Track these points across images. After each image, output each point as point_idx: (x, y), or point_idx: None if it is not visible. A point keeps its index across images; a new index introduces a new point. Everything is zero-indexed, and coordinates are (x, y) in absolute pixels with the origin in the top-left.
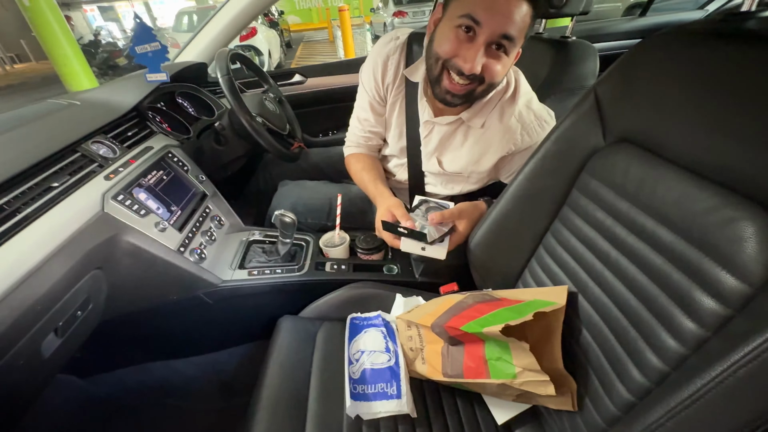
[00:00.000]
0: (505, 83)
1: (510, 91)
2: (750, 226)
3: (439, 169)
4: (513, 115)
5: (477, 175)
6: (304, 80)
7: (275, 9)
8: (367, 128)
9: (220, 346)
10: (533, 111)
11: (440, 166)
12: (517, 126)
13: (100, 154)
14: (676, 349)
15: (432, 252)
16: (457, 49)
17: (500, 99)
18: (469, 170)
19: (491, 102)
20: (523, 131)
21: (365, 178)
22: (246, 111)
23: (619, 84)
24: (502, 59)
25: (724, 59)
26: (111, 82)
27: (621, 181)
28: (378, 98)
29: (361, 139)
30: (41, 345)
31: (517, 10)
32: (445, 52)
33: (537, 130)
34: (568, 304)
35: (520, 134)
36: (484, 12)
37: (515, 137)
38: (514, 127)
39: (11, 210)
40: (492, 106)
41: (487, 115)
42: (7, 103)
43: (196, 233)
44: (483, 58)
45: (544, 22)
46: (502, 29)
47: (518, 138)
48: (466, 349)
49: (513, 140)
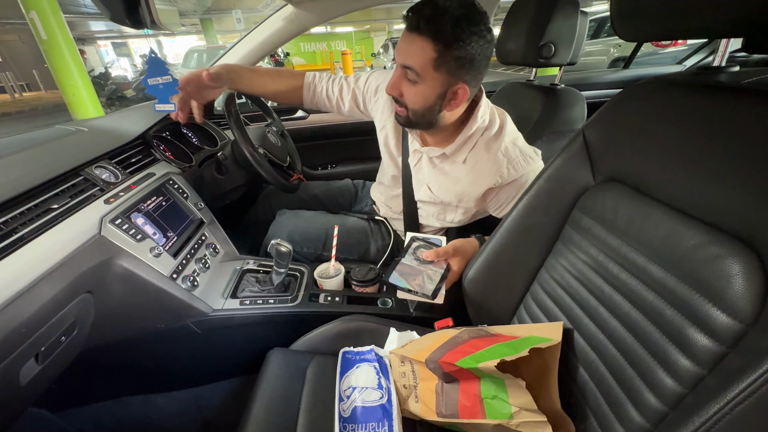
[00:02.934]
0: (488, 122)
1: (494, 129)
2: (736, 263)
3: (430, 195)
4: (499, 150)
5: (465, 205)
6: (307, 116)
7: (281, 50)
8: (357, 92)
9: (205, 380)
10: (518, 147)
11: (431, 192)
12: (503, 160)
13: (103, 178)
14: (673, 389)
15: (428, 299)
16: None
17: (482, 135)
18: (458, 199)
19: (472, 138)
20: (509, 165)
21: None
22: (249, 142)
23: (604, 127)
24: (412, 86)
25: (699, 107)
26: (120, 110)
27: (611, 218)
28: (362, 96)
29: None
30: (20, 371)
31: (411, 46)
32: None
33: (522, 164)
34: (564, 341)
35: (506, 167)
36: (397, 44)
37: (501, 170)
38: (500, 161)
39: (8, 229)
40: (473, 142)
41: (468, 152)
42: (18, 126)
43: (190, 260)
44: (400, 81)
45: (535, 70)
46: (400, 60)
47: (504, 171)
48: (461, 386)
49: (499, 173)
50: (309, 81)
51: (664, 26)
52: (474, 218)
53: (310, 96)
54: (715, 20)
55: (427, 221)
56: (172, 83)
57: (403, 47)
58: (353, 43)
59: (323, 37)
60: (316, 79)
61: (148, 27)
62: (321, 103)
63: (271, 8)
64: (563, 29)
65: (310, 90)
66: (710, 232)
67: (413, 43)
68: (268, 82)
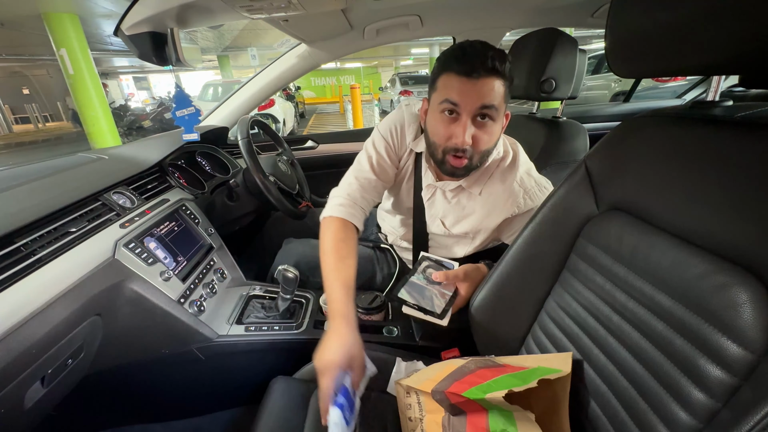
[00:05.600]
0: (503, 153)
1: (509, 160)
2: (743, 292)
3: (444, 230)
4: (515, 180)
5: (482, 236)
6: (316, 146)
7: (292, 84)
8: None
9: (206, 409)
10: (533, 178)
11: (444, 227)
12: (520, 190)
13: (119, 203)
14: (688, 423)
15: (435, 317)
16: (447, 130)
17: (497, 167)
18: (475, 231)
19: (488, 170)
20: (525, 195)
21: (340, 274)
22: (260, 170)
23: (605, 158)
24: (489, 126)
25: (695, 140)
26: (139, 140)
27: (616, 247)
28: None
29: (359, 194)
30: (26, 394)
31: (487, 86)
32: (440, 138)
33: (538, 194)
34: (574, 372)
35: (522, 198)
36: (459, 95)
37: (518, 200)
38: (516, 191)
39: (27, 252)
40: (489, 174)
41: (485, 183)
42: (44, 153)
43: (198, 285)
44: (472, 129)
45: (537, 104)
46: (479, 103)
47: (521, 201)
48: (469, 419)
49: (516, 203)
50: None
51: (658, 63)
52: (484, 248)
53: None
54: (709, 58)
55: (436, 252)
56: (195, 114)
57: (475, 90)
58: (362, 77)
59: (333, 72)
60: (354, 216)
61: (173, 64)
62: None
63: (286, 46)
64: (563, 66)
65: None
66: (715, 261)
67: (486, 84)
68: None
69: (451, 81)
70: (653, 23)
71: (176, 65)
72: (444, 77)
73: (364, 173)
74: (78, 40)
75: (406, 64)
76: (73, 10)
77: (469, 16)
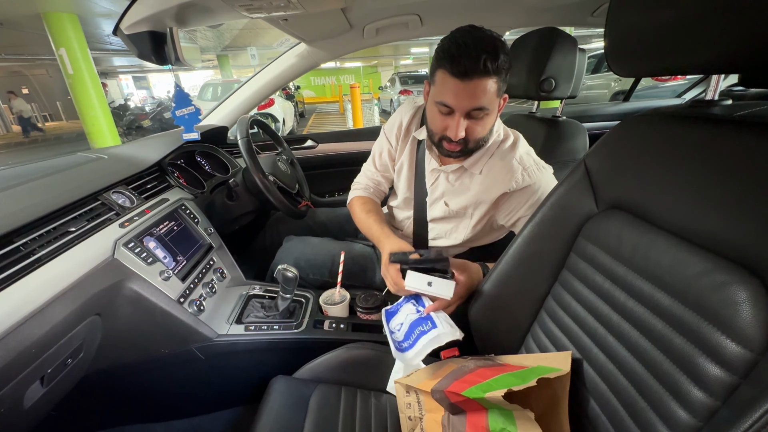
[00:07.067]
0: (503, 136)
1: (509, 142)
2: (742, 290)
3: (445, 209)
4: (514, 158)
5: (480, 211)
6: (316, 145)
7: (292, 84)
8: (381, 172)
9: (206, 409)
10: (532, 157)
11: (446, 206)
12: (518, 167)
13: (119, 203)
14: (687, 421)
15: (438, 288)
16: (442, 124)
17: (498, 147)
18: (475, 205)
19: (489, 151)
20: (524, 172)
21: (372, 219)
22: (259, 169)
23: (605, 156)
24: (482, 119)
25: (694, 139)
26: (139, 139)
27: (616, 245)
28: (395, 147)
29: (371, 182)
30: (25, 393)
31: (479, 88)
32: (437, 128)
33: (536, 172)
34: (573, 371)
35: (521, 174)
36: (453, 98)
37: (516, 176)
38: (515, 167)
39: (26, 251)
40: (489, 154)
41: (485, 163)
42: (44, 153)
43: (197, 284)
44: (465, 123)
45: (537, 103)
46: (471, 106)
47: (519, 177)
48: (468, 418)
49: (514, 178)
50: (375, 196)
51: (657, 62)
52: (483, 233)
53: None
54: (708, 57)
55: (437, 242)
56: (195, 113)
57: (467, 93)
58: (361, 77)
59: (332, 71)
60: (371, 185)
61: (172, 63)
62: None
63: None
64: (563, 65)
65: (379, 197)
66: (714, 260)
67: (478, 86)
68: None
69: (446, 81)
70: (653, 22)
71: (175, 65)
72: (440, 73)
73: (379, 158)
74: (77, 40)
75: (405, 64)
76: (73, 9)
77: (468, 16)
